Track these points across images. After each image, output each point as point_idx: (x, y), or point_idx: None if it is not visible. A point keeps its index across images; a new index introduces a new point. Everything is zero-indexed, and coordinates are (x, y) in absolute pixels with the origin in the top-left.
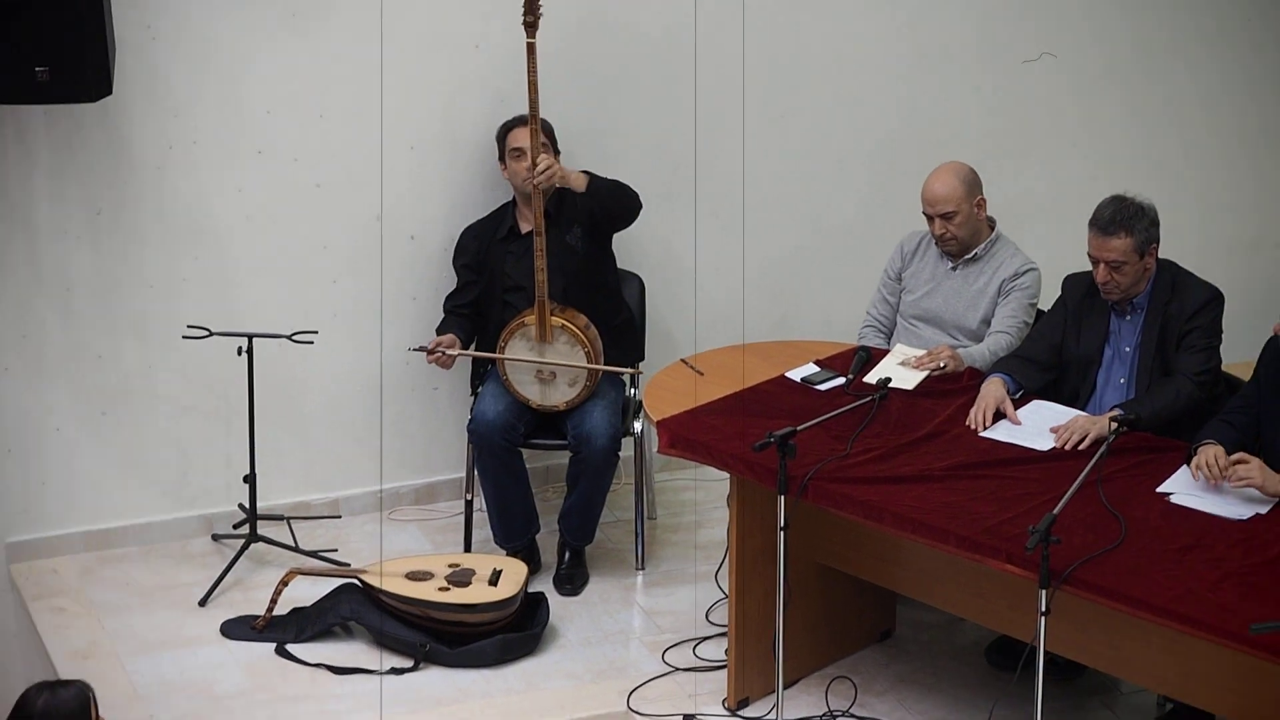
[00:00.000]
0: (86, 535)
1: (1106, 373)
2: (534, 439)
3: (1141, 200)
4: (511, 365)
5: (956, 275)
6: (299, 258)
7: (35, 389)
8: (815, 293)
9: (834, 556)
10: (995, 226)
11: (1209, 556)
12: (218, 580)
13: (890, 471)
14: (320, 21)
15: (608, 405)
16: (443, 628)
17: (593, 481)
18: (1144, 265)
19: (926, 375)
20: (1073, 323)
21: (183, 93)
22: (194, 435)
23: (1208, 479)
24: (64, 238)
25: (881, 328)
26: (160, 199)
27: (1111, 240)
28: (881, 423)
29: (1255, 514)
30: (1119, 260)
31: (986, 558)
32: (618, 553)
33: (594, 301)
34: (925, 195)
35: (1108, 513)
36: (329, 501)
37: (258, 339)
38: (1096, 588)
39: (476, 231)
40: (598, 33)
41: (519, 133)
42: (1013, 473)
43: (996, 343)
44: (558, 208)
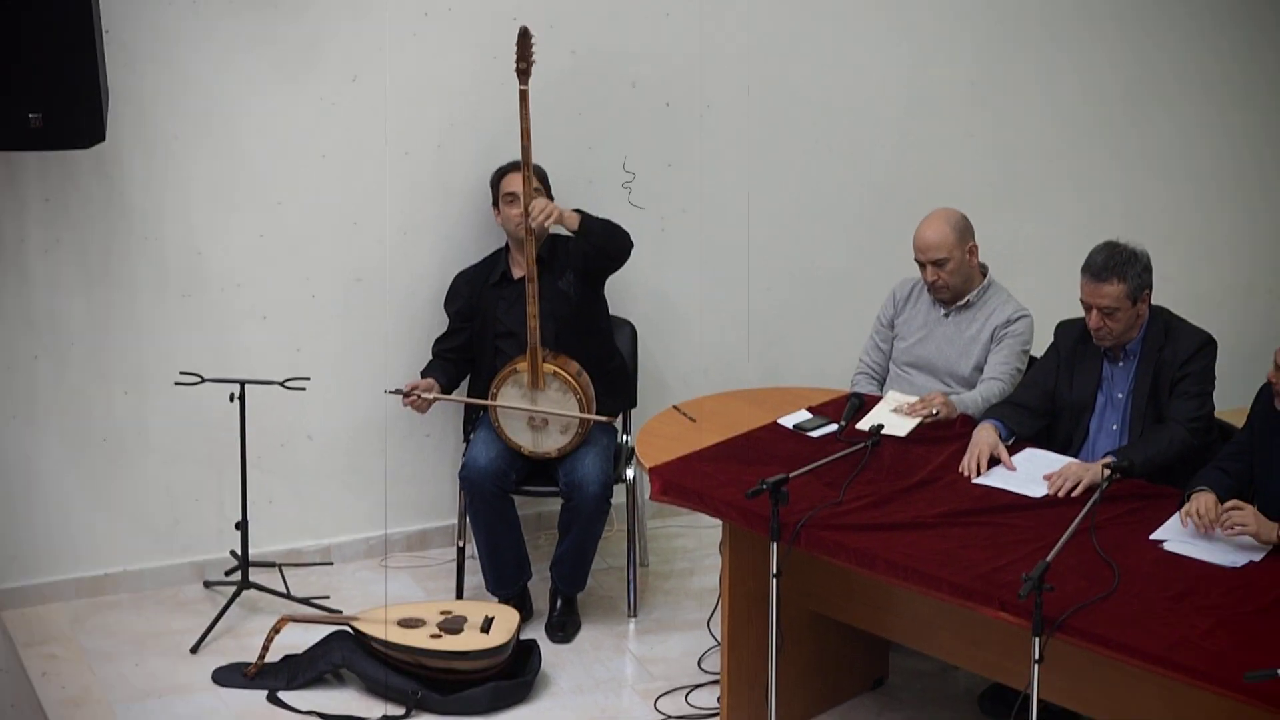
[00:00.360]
0: (78, 582)
1: (1099, 419)
2: (526, 486)
3: (1134, 247)
4: (504, 412)
5: (949, 322)
6: (291, 304)
7: (27, 434)
8: (808, 339)
9: (827, 604)
10: (988, 273)
11: (1203, 604)
12: (209, 627)
13: (883, 518)
14: (312, 68)
15: (600, 452)
16: (435, 675)
17: (585, 528)
18: (1136, 312)
19: (919, 422)
20: (1065, 369)
21: (175, 140)
22: (186, 482)
23: (1198, 527)
24: (56, 283)
25: (874, 374)
26: (152, 245)
27: (1104, 286)
28: (874, 469)
29: (1249, 561)
30: (1111, 306)
31: (980, 605)
32: (610, 600)
33: (586, 347)
34: (917, 242)
35: (1101, 560)
36: (321, 548)
37: (250, 385)
38: (1090, 635)
39: (469, 277)
40: (591, 79)
41: (513, 178)
42: (1006, 520)
43: (989, 389)
44: (550, 254)
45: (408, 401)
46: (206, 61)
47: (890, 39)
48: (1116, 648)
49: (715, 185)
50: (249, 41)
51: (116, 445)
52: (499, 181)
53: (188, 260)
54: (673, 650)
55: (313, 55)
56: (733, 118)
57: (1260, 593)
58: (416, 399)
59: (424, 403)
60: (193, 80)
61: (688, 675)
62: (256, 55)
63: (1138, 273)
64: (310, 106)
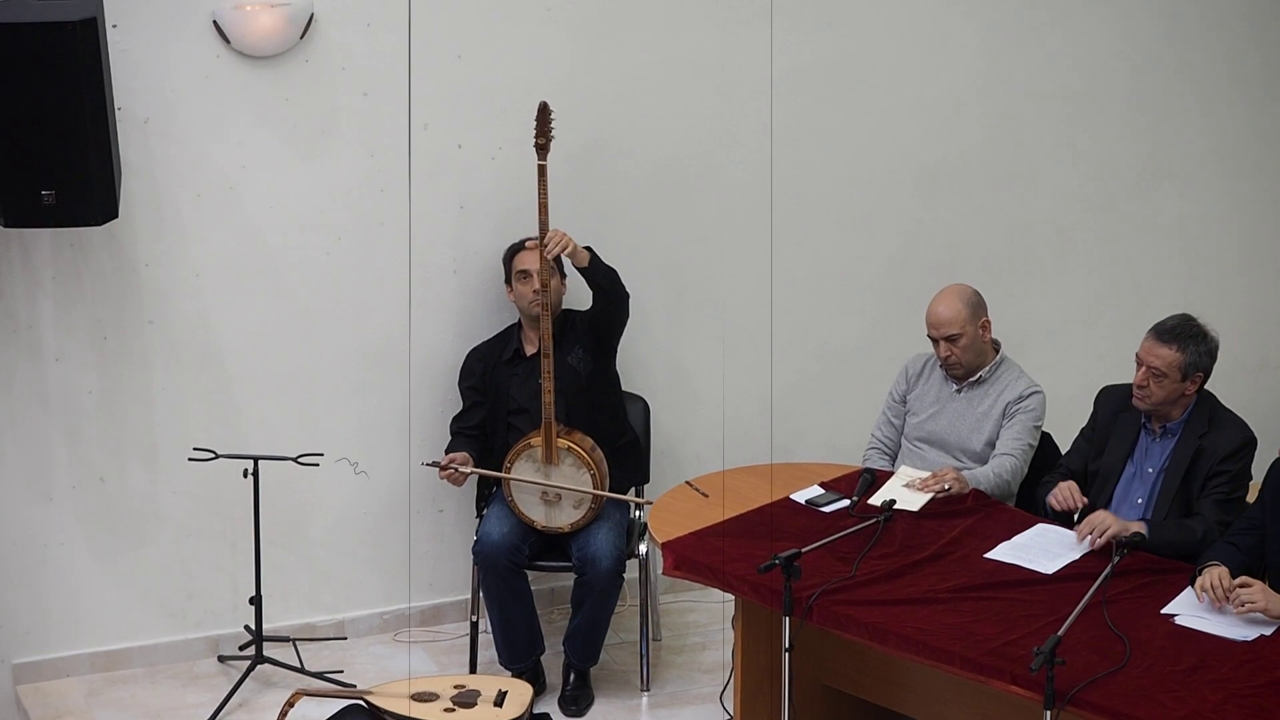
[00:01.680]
0: (93, 656)
1: (1125, 489)
2: (539, 560)
3: (1210, 331)
4: (517, 486)
5: (961, 398)
6: (305, 380)
7: (41, 510)
8: (820, 415)
9: (839, 678)
10: (1000, 349)
11: (1214, 677)
12: (224, 701)
13: (895, 593)
14: (325, 146)
15: (613, 527)
16: None
17: (597, 603)
18: (1183, 389)
19: (931, 497)
20: (1100, 435)
21: (188, 216)
22: (200, 557)
23: (1212, 601)
24: (69, 360)
25: (886, 450)
26: (165, 321)
27: (1161, 348)
28: (886, 544)
29: (1260, 635)
30: (1160, 370)
31: (991, 679)
32: (623, 674)
33: (597, 422)
34: (930, 318)
35: (1112, 634)
36: (334, 623)
37: (263, 461)
38: (1101, 709)
39: (482, 354)
40: (607, 154)
41: (525, 255)
42: (1017, 594)
43: (1001, 465)
44: (561, 331)
45: (444, 475)
46: (220, 138)
47: (903, 117)
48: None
49: (729, 260)
50: (262, 119)
51: (131, 520)
52: (512, 259)
53: (200, 336)
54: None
55: (326, 133)
56: (748, 193)
57: (1271, 666)
58: (454, 472)
59: (460, 475)
60: (206, 156)
61: None
62: (270, 132)
63: (1200, 352)
64: (323, 183)
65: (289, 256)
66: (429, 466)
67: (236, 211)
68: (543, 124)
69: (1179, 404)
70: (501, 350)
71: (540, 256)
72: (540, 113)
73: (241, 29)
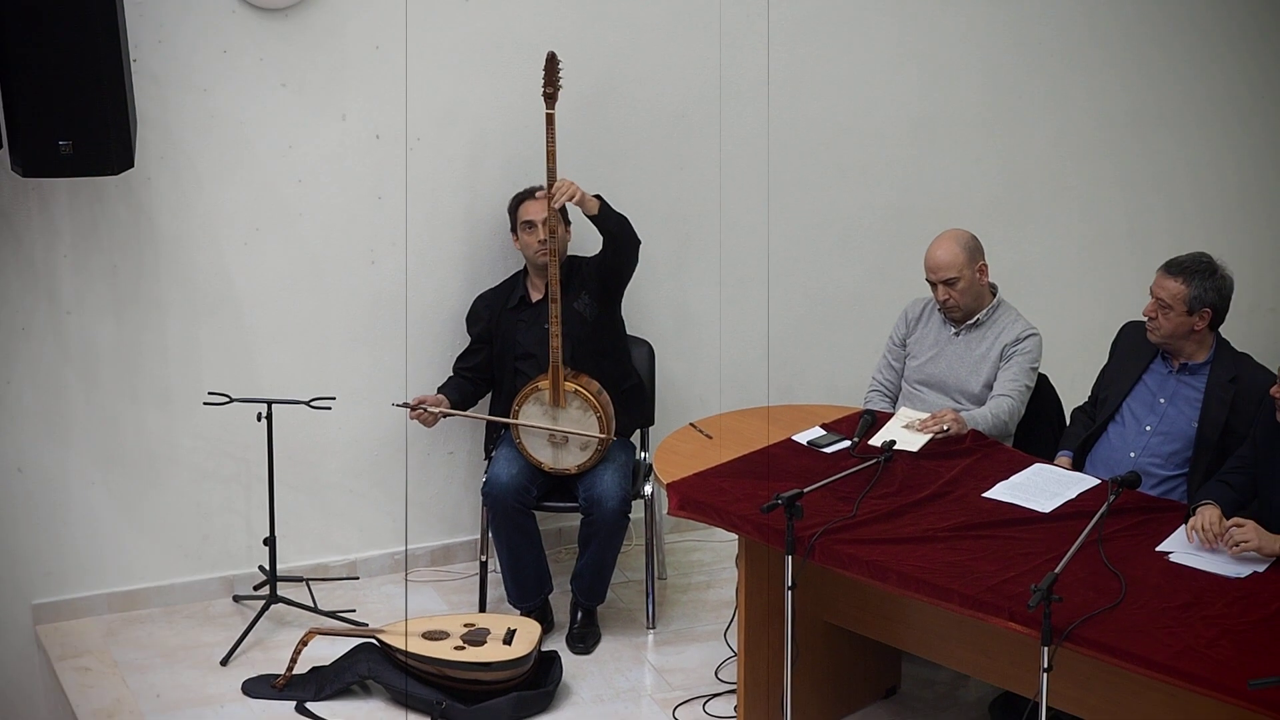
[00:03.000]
0: (110, 597)
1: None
2: (547, 501)
3: (1225, 270)
4: (525, 429)
5: (959, 341)
6: (316, 325)
7: (60, 455)
8: (822, 358)
9: (840, 615)
10: (997, 293)
11: (1207, 614)
12: (239, 640)
13: (895, 532)
14: (335, 96)
15: (618, 469)
16: (459, 686)
17: (604, 543)
18: (1191, 323)
19: (930, 438)
20: (1116, 363)
21: (202, 166)
22: (215, 499)
23: (1204, 541)
24: (87, 307)
25: (886, 392)
26: (180, 269)
27: (1169, 280)
28: (886, 484)
29: (1253, 572)
30: (1166, 302)
31: (990, 616)
32: (629, 612)
33: (602, 367)
34: (928, 262)
35: (1108, 571)
36: (347, 563)
37: (277, 405)
38: (1097, 645)
39: (488, 300)
40: (613, 104)
41: (530, 205)
42: (1015, 533)
43: (998, 406)
44: (567, 276)
45: (414, 415)
46: (232, 90)
47: (901, 66)
48: (1123, 656)
49: (732, 208)
50: (274, 71)
51: (147, 464)
52: (517, 208)
53: (214, 282)
54: (690, 661)
55: (337, 84)
56: (750, 143)
57: (1263, 603)
58: (423, 413)
59: (430, 417)
60: (219, 108)
61: (705, 685)
62: (281, 85)
63: (1206, 286)
64: (334, 133)
65: (300, 205)
66: (399, 407)
67: (249, 161)
68: (550, 74)
69: (1192, 339)
70: (507, 297)
71: (547, 204)
72: (548, 63)
73: None
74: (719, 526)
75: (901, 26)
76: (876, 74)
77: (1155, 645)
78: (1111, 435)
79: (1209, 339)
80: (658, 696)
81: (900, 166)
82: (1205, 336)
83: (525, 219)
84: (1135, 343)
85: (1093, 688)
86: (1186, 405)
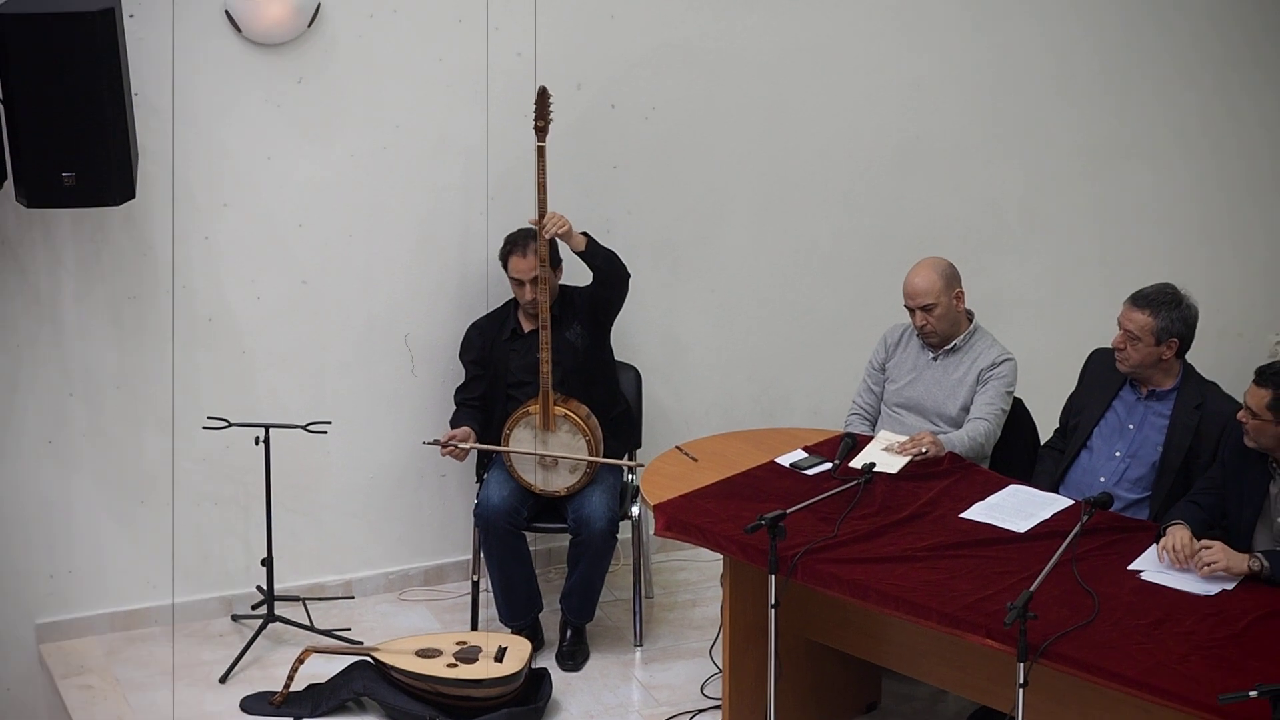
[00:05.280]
0: (112, 616)
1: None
2: (537, 522)
3: (1189, 300)
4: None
5: (937, 365)
6: (313, 353)
7: (63, 479)
8: (804, 383)
9: (822, 632)
10: (973, 319)
11: (1178, 631)
12: (237, 658)
13: (875, 552)
14: (330, 128)
15: (606, 490)
16: (451, 702)
17: (592, 563)
18: (1159, 353)
19: (909, 460)
20: (1087, 389)
21: (201, 196)
22: (214, 521)
23: (1174, 561)
24: (89, 334)
25: (866, 415)
26: (180, 297)
27: (1135, 312)
28: (867, 505)
29: (1222, 590)
30: (1134, 333)
31: (967, 633)
32: (617, 630)
33: (592, 393)
34: (907, 289)
35: (1081, 590)
36: (342, 583)
37: (274, 429)
38: (1071, 661)
39: (481, 328)
40: (602, 137)
41: (518, 262)
42: (991, 552)
43: (975, 429)
44: (560, 307)
45: (446, 451)
46: (231, 122)
47: (883, 99)
48: (1097, 672)
49: (716, 237)
50: (272, 104)
51: (148, 487)
52: (506, 260)
53: (214, 311)
54: (677, 677)
55: (332, 117)
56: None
57: (1232, 620)
58: (454, 448)
59: (461, 452)
60: (218, 141)
61: (691, 701)
62: (279, 117)
63: (1173, 317)
64: (330, 165)
65: (298, 235)
66: (430, 445)
67: (247, 192)
68: (542, 108)
69: (1159, 368)
70: (500, 327)
71: (535, 249)
72: (540, 97)
73: (252, 18)
74: (704, 546)
75: (883, 60)
76: (859, 106)
77: (1128, 661)
78: (1083, 460)
79: (1176, 366)
80: (645, 712)
81: (881, 196)
82: (1172, 364)
83: (514, 276)
84: (1104, 370)
85: (1067, 703)
86: (1154, 431)
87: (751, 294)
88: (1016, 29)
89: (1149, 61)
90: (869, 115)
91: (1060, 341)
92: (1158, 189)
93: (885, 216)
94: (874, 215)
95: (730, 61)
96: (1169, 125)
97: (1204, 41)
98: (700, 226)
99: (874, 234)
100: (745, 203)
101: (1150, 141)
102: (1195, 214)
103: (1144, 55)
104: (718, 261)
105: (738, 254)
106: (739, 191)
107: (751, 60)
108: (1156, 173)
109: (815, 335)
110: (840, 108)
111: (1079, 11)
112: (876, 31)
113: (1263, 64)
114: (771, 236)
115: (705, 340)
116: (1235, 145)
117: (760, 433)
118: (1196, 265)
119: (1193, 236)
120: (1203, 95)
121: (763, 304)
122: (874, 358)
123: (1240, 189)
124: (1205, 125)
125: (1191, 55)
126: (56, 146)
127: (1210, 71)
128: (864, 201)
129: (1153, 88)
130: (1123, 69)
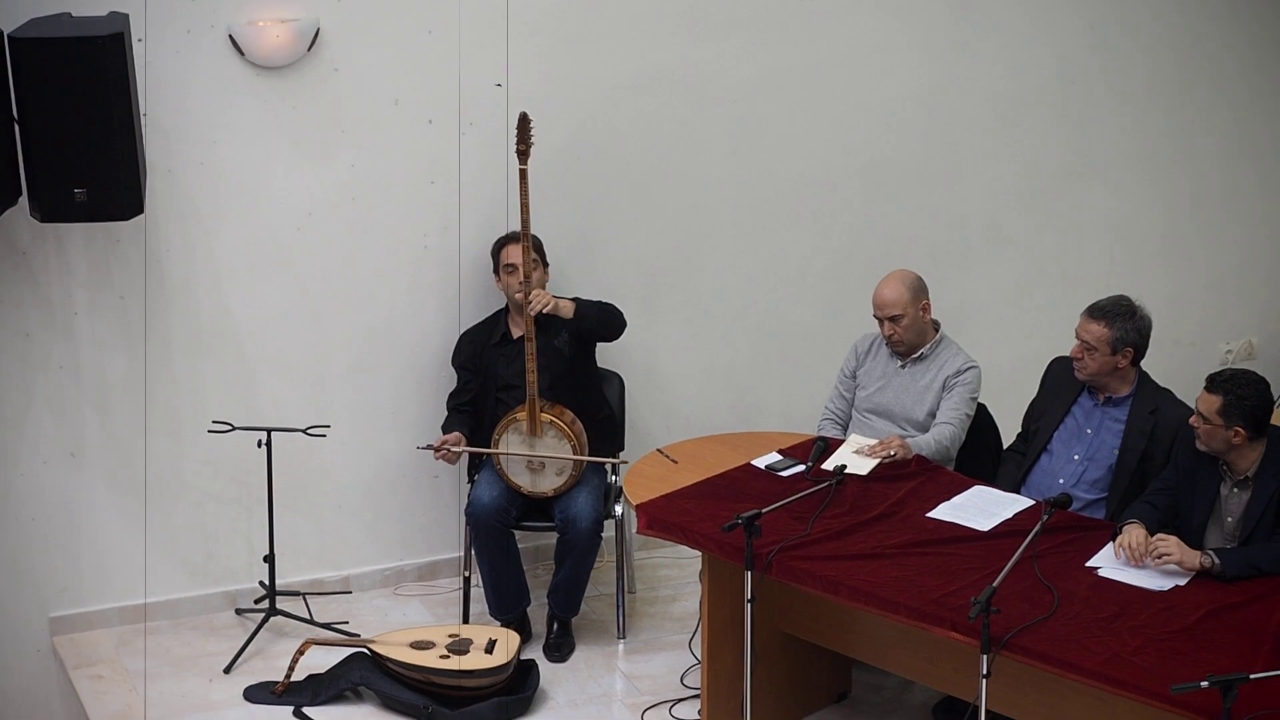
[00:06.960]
0: (122, 610)
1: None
2: (525, 522)
3: (1142, 311)
4: (505, 455)
5: (905, 373)
6: (313, 359)
7: (76, 478)
8: (778, 389)
9: (796, 625)
10: (940, 329)
11: (1133, 624)
12: (241, 650)
13: (846, 549)
14: (330, 147)
15: (591, 491)
16: (444, 691)
17: (578, 559)
18: (1115, 362)
19: (879, 462)
20: (1045, 396)
21: (207, 211)
22: (218, 520)
23: (1130, 558)
24: (100, 341)
25: (838, 420)
26: (187, 307)
27: (1092, 324)
28: (838, 505)
29: (1175, 585)
30: (1090, 344)
31: (933, 626)
32: (601, 623)
33: (578, 399)
34: (876, 300)
35: (1042, 585)
36: (340, 579)
37: (276, 433)
38: (1032, 653)
39: (472, 335)
40: (583, 157)
41: (511, 249)
42: (956, 550)
43: (941, 433)
44: (548, 316)
45: (439, 455)
46: (235, 141)
47: (852, 120)
48: (1056, 663)
49: (696, 253)
50: (273, 123)
51: (156, 487)
52: (499, 252)
53: (218, 320)
54: (658, 668)
55: (331, 135)
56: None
57: (1185, 614)
58: (447, 453)
59: (453, 455)
60: (223, 158)
61: (671, 690)
62: (280, 135)
63: (1127, 328)
64: (328, 181)
65: (298, 248)
66: (424, 450)
67: (250, 207)
68: (523, 132)
69: (1116, 376)
70: (490, 334)
71: (524, 250)
72: (521, 122)
73: (254, 42)
74: (684, 544)
75: (851, 84)
76: (830, 129)
77: (1085, 653)
78: (1043, 463)
79: (1131, 374)
80: (628, 701)
81: (850, 212)
82: (1128, 372)
83: (507, 262)
84: (1063, 377)
85: (1028, 692)
86: (1110, 436)
87: (728, 307)
88: (976, 56)
89: (1105, 85)
90: (840, 138)
91: (1022, 350)
92: (1113, 206)
93: (855, 233)
94: (844, 232)
95: (708, 86)
96: (1124, 146)
97: (1159, 65)
98: (679, 243)
99: (844, 250)
100: (722, 221)
101: (1106, 162)
102: (1149, 230)
103: (1099, 80)
104: (696, 276)
105: (715, 269)
106: (716, 210)
107: (728, 85)
108: (1112, 191)
109: (788, 345)
110: (812, 131)
111: (1035, 39)
112: (847, 59)
113: (1216, 86)
114: (747, 252)
115: (685, 350)
116: (1187, 165)
117: (737, 436)
118: (1151, 278)
119: (1147, 251)
120: (1157, 116)
121: (739, 316)
122: (845, 365)
123: (1192, 206)
124: (1159, 146)
125: (1144, 79)
126: (68, 163)
127: (1163, 94)
128: (834, 219)
129: (1109, 110)
130: (1079, 93)
